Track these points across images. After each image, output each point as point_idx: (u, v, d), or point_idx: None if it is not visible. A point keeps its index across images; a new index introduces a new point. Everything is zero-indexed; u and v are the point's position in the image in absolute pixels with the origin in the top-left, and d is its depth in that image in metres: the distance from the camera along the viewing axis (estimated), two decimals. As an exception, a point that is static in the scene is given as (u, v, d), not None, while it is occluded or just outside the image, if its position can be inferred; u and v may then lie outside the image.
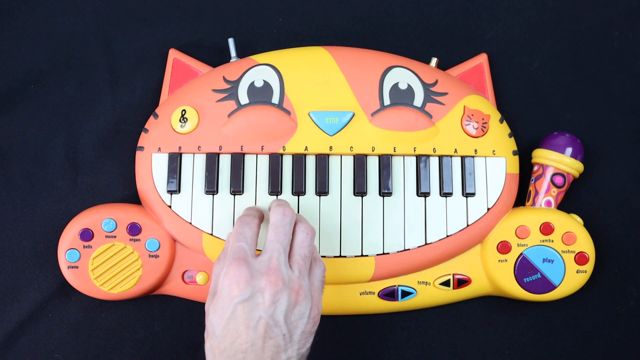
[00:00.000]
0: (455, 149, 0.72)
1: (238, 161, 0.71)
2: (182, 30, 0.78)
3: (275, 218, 0.63)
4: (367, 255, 0.71)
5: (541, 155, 0.73)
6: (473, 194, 0.72)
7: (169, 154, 0.71)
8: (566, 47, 0.79)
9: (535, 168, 0.74)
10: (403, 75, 0.73)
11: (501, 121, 0.74)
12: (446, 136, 0.72)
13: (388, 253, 0.71)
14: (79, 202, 0.74)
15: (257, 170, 0.71)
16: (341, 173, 0.72)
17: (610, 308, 0.75)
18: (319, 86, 0.72)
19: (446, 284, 0.72)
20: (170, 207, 0.71)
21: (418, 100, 0.73)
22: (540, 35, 0.79)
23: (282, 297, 0.59)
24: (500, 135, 0.73)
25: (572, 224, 0.72)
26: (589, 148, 0.76)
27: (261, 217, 0.67)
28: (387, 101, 0.72)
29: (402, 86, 0.73)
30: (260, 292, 0.58)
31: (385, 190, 0.71)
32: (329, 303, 0.71)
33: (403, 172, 0.72)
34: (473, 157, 0.72)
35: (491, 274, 0.71)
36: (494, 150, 0.73)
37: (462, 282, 0.72)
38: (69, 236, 0.70)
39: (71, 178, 0.74)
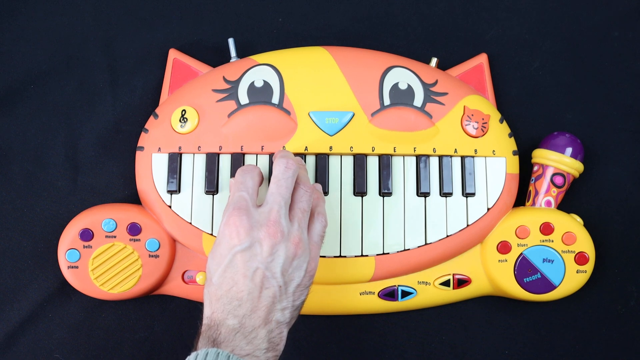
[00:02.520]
0: (455, 149, 0.72)
1: (238, 161, 0.71)
2: (182, 30, 0.78)
3: (277, 170, 0.63)
4: (367, 255, 0.71)
5: (541, 155, 0.73)
6: (473, 194, 0.72)
7: (169, 154, 0.71)
8: (566, 47, 0.79)
9: (535, 168, 0.74)
10: (403, 75, 0.73)
11: (501, 121, 0.74)
12: (446, 136, 0.72)
13: (388, 253, 0.71)
14: (79, 202, 0.74)
15: (257, 170, 0.71)
16: (341, 173, 0.72)
17: (610, 308, 0.75)
18: (319, 86, 0.72)
19: (446, 284, 0.72)
20: (170, 207, 0.71)
21: (418, 100, 0.73)
22: (540, 35, 0.79)
23: (280, 249, 0.59)
24: (500, 135, 0.73)
25: (572, 224, 0.72)
26: (589, 148, 0.76)
27: (260, 171, 0.67)
28: (387, 101, 0.72)
29: (402, 86, 0.73)
30: (258, 243, 0.59)
31: (385, 190, 0.71)
32: (329, 303, 0.71)
33: (403, 172, 0.72)
34: (473, 157, 0.72)
35: (491, 274, 0.71)
36: (494, 150, 0.73)
37: (462, 282, 0.72)
38: (69, 236, 0.70)
39: (71, 178, 0.75)
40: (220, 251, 0.60)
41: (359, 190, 0.71)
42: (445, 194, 0.72)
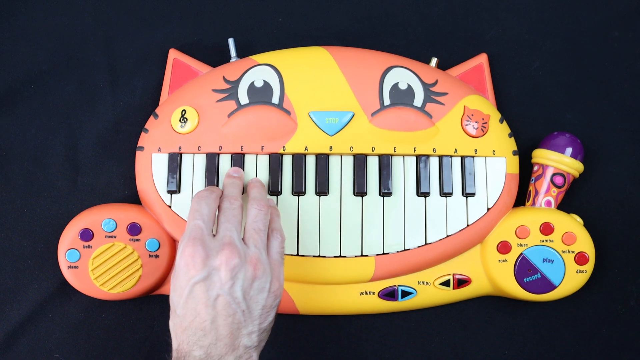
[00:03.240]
0: (455, 149, 0.72)
1: (238, 161, 0.71)
2: (182, 30, 0.78)
3: (224, 206, 0.64)
4: (367, 255, 0.71)
5: (541, 155, 0.73)
6: (473, 194, 0.72)
7: (169, 154, 0.71)
8: (566, 47, 0.79)
9: (535, 168, 0.74)
10: (403, 75, 0.73)
11: (501, 121, 0.74)
12: (446, 136, 0.72)
13: (388, 253, 0.71)
14: (79, 202, 0.74)
15: (257, 170, 0.71)
16: (341, 173, 0.72)
17: (610, 308, 0.75)
18: (319, 86, 0.72)
19: (446, 284, 0.72)
20: (170, 207, 0.71)
21: (418, 100, 0.73)
22: (540, 35, 0.79)
23: (240, 272, 0.59)
24: (500, 135, 0.73)
25: (572, 224, 0.72)
26: (589, 148, 0.76)
27: (219, 192, 0.67)
28: (387, 101, 0.72)
29: (402, 86, 0.73)
30: (216, 270, 0.59)
31: (385, 190, 0.71)
32: (329, 303, 0.71)
33: (403, 172, 0.72)
34: (473, 157, 0.72)
35: (491, 274, 0.71)
36: (494, 150, 0.73)
37: (462, 282, 0.72)
38: (69, 236, 0.70)
39: (71, 178, 0.75)
40: (180, 283, 0.59)
41: (359, 190, 0.71)
42: (445, 194, 0.72)
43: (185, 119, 0.71)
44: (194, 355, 0.57)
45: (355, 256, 0.71)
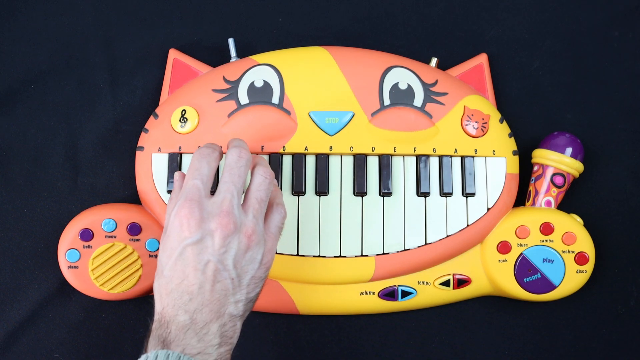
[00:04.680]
0: (455, 149, 0.72)
1: (238, 161, 0.71)
2: (182, 30, 0.78)
3: (230, 159, 0.62)
4: (367, 255, 0.71)
5: (541, 155, 0.73)
6: (473, 194, 0.72)
7: (169, 154, 0.71)
8: (566, 47, 0.79)
9: (535, 168, 0.74)
10: (403, 75, 0.73)
11: (501, 121, 0.74)
12: (446, 136, 0.72)
13: (388, 253, 0.71)
14: (79, 202, 0.74)
15: (257, 170, 0.71)
16: (341, 173, 0.72)
17: (610, 308, 0.75)
18: (319, 86, 0.72)
19: (446, 284, 0.72)
20: (170, 207, 0.71)
21: (418, 100, 0.73)
22: (540, 35, 0.79)
23: (233, 241, 0.58)
24: (500, 135, 0.73)
25: (572, 224, 0.72)
26: (589, 148, 0.76)
27: (221, 151, 0.65)
28: (387, 101, 0.72)
29: (402, 86, 0.73)
30: (210, 235, 0.58)
31: (385, 190, 0.71)
32: (329, 303, 0.71)
33: (403, 172, 0.72)
34: (473, 157, 0.72)
35: (491, 274, 0.71)
36: (494, 150, 0.73)
37: (462, 282, 0.72)
38: (69, 236, 0.70)
39: (71, 178, 0.75)
40: (171, 244, 0.58)
41: (359, 190, 0.71)
42: (445, 194, 0.72)
43: (185, 119, 0.71)
44: (178, 320, 0.56)
45: (355, 256, 0.71)
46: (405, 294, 0.71)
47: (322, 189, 0.71)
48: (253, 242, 0.59)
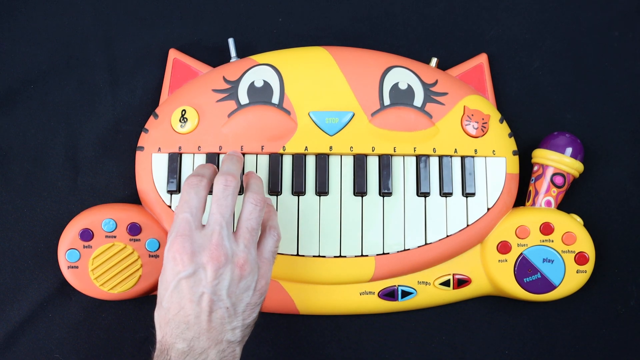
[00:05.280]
0: (455, 149, 0.72)
1: (238, 161, 0.71)
2: (182, 30, 0.78)
3: (216, 189, 0.62)
4: (367, 255, 0.71)
5: (541, 155, 0.73)
6: (473, 194, 0.72)
7: (169, 154, 0.71)
8: (566, 47, 0.79)
9: (535, 168, 0.74)
10: (403, 75, 0.73)
11: (501, 121, 0.74)
12: (446, 136, 0.72)
13: (388, 253, 0.71)
14: (79, 202, 0.74)
15: (257, 170, 0.71)
16: (341, 173, 0.72)
17: (610, 308, 0.75)
18: (319, 86, 0.72)
19: (446, 284, 0.72)
20: (170, 207, 0.71)
21: (418, 100, 0.73)
22: (540, 35, 0.79)
23: (225, 272, 0.59)
24: (500, 135, 0.73)
25: (572, 224, 0.72)
26: (589, 148, 0.76)
27: (212, 173, 0.65)
28: (387, 101, 0.72)
29: (402, 86, 0.73)
30: (202, 268, 0.59)
31: (385, 190, 0.71)
32: (329, 303, 0.71)
33: (403, 172, 0.72)
34: (473, 157, 0.72)
35: (491, 274, 0.71)
36: (494, 150, 0.73)
37: (462, 282, 0.72)
38: (69, 236, 0.70)
39: (71, 178, 0.75)
40: (166, 277, 0.60)
41: (359, 190, 0.71)
42: (445, 194, 0.72)
43: (185, 119, 0.71)
44: (177, 348, 0.58)
45: (355, 256, 0.71)
46: (405, 294, 0.71)
47: (322, 189, 0.71)
48: (246, 272, 0.60)
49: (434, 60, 0.75)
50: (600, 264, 0.74)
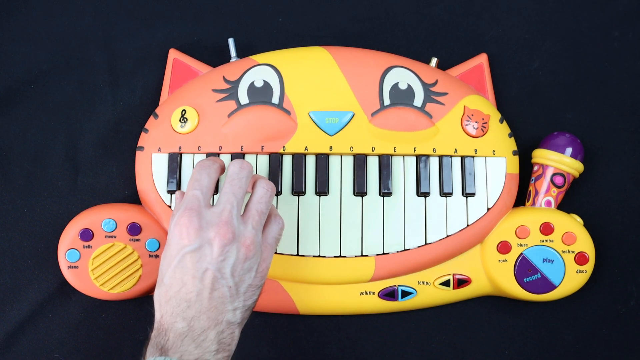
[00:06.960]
0: (455, 149, 0.72)
1: (238, 161, 0.71)
2: (182, 30, 0.78)
3: (232, 170, 0.63)
4: (367, 255, 0.71)
5: (541, 155, 0.73)
6: (473, 194, 0.72)
7: (169, 154, 0.71)
8: (566, 47, 0.79)
9: (535, 168, 0.74)
10: (403, 75, 0.73)
11: (501, 121, 0.74)
12: (446, 136, 0.72)
13: (388, 253, 0.71)
14: (79, 202, 0.74)
15: (257, 170, 0.71)
16: (341, 173, 0.72)
17: (610, 308, 0.75)
18: (319, 86, 0.72)
19: (446, 284, 0.72)
20: (170, 207, 0.71)
21: (418, 100, 0.73)
22: (540, 35, 0.79)
23: (231, 250, 0.59)
24: (500, 135, 0.73)
25: (572, 224, 0.72)
26: (589, 148, 0.76)
27: (222, 164, 0.66)
28: (387, 101, 0.72)
29: (402, 86, 0.73)
30: (208, 244, 0.59)
31: (385, 190, 0.71)
32: (329, 303, 0.71)
33: (403, 172, 0.72)
34: (473, 157, 0.72)
35: (491, 274, 0.71)
36: (494, 150, 0.73)
37: (462, 282, 0.72)
38: (69, 236, 0.70)
39: (71, 178, 0.75)
40: (170, 251, 0.59)
41: (359, 190, 0.71)
42: (445, 194, 0.72)
43: (185, 119, 0.71)
44: (176, 328, 0.57)
45: (355, 256, 0.71)
46: (405, 294, 0.71)
47: (322, 189, 0.71)
48: (251, 252, 0.60)
49: (434, 60, 0.75)
50: (600, 264, 0.74)
